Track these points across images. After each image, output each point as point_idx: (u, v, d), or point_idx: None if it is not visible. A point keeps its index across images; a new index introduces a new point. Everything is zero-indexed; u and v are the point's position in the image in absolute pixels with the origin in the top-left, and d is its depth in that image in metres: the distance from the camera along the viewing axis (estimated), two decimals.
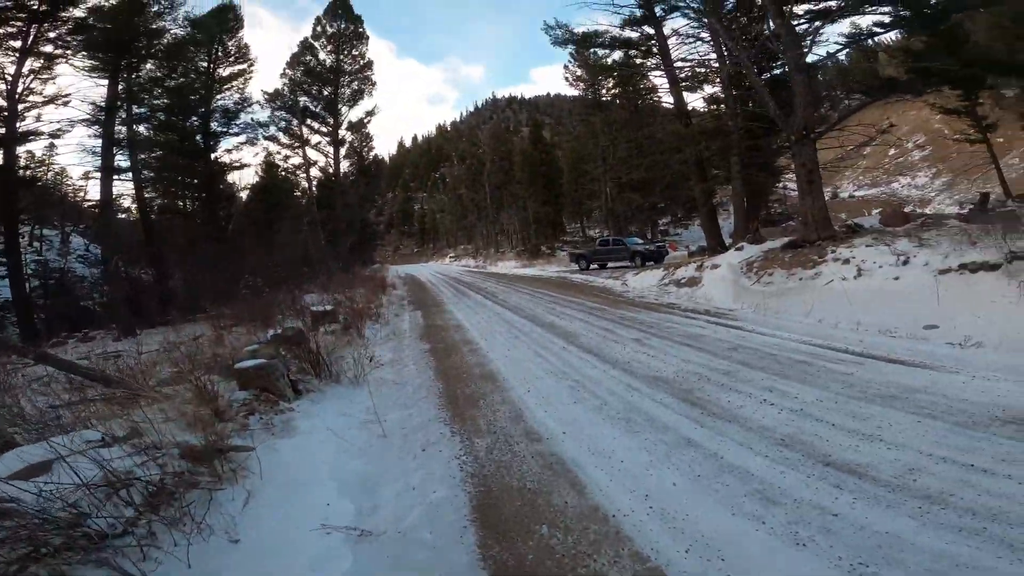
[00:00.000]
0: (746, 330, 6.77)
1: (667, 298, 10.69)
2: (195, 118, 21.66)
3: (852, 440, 2.99)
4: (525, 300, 11.44)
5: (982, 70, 10.25)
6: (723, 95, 14.09)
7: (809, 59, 10.15)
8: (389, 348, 7.30)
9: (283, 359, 4.38)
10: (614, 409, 3.85)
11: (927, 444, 2.86)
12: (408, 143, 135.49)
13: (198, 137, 21.80)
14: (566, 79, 30.75)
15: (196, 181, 21.97)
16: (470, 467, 3.17)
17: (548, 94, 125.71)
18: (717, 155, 14.75)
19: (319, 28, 25.69)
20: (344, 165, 27.70)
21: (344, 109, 26.07)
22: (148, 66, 19.41)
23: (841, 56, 11.91)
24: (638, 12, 15.08)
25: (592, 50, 18.03)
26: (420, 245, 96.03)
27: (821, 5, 10.06)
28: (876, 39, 11.00)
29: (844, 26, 17.72)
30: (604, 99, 29.43)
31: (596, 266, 21.89)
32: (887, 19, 9.31)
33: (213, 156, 22.53)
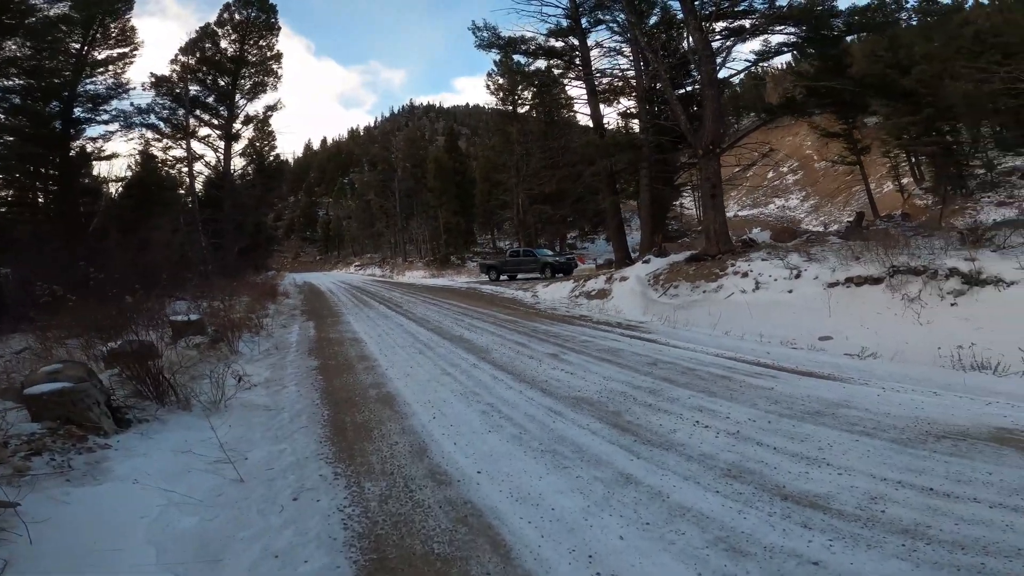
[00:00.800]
0: (661, 343, 6.61)
1: (578, 310, 10.50)
2: (56, 103, 18.32)
3: (799, 466, 2.68)
4: (432, 311, 10.66)
5: (864, 92, 11.43)
6: (637, 109, 14.50)
7: (721, 74, 10.63)
8: (267, 365, 6.18)
9: (97, 383, 3.27)
10: (536, 439, 3.27)
11: (875, 466, 2.61)
12: (316, 145, 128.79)
13: (57, 124, 18.43)
14: (487, 86, 30.61)
15: (52, 172, 18.48)
16: (357, 524, 2.41)
17: (467, 104, 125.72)
18: (628, 168, 15.12)
19: (226, 15, 23.08)
20: (239, 163, 25.03)
21: (242, 102, 23.54)
22: (10, 45, 16.21)
23: (735, 81, 12.75)
24: (564, 23, 15.17)
25: (516, 57, 17.97)
26: (324, 253, 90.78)
27: (736, 23, 10.61)
28: (768, 65, 11.86)
29: (755, 44, 19.22)
30: (521, 110, 29.70)
31: (506, 277, 21.63)
32: (792, 39, 10.00)
33: (75, 145, 19.15)
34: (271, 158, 48.50)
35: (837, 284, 7.94)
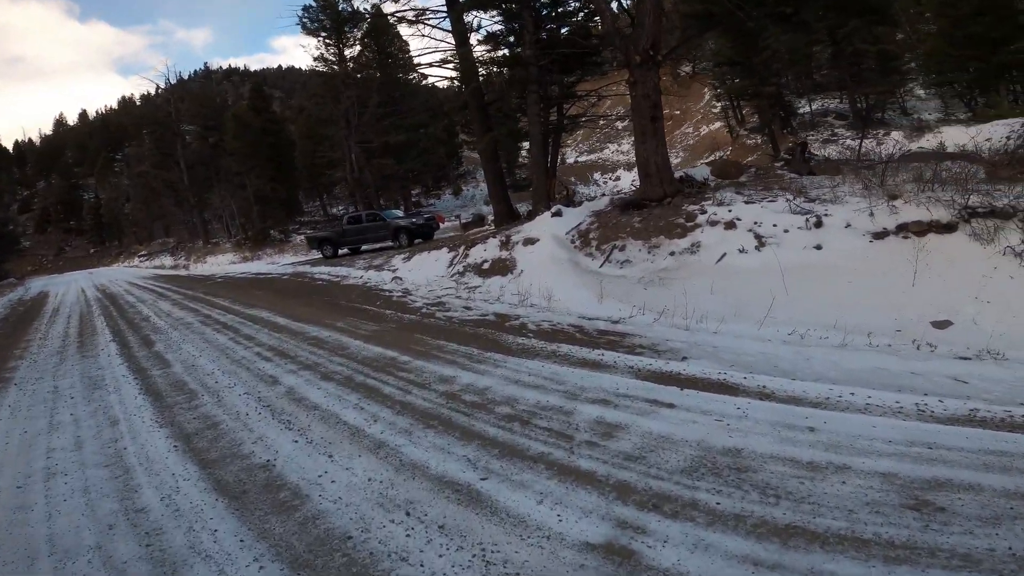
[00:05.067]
0: (745, 392, 2.98)
1: (483, 302, 6.46)
2: None
3: None
4: (210, 349, 5.59)
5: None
6: (520, 16, 10.24)
7: None
8: None
9: None
10: None
11: None
12: (73, 120, 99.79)
13: None
14: (303, 23, 23.30)
15: None
16: None
17: (280, 66, 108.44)
18: (511, 91, 11.07)
19: None
20: None
21: None
22: None
23: None
24: None
25: None
26: (99, 244, 71.35)
27: None
28: None
29: None
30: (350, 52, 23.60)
31: (346, 251, 16.42)
32: None
33: None
34: None
35: (887, 234, 5.11)
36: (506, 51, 11.33)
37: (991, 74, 18.27)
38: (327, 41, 24.39)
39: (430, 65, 13.55)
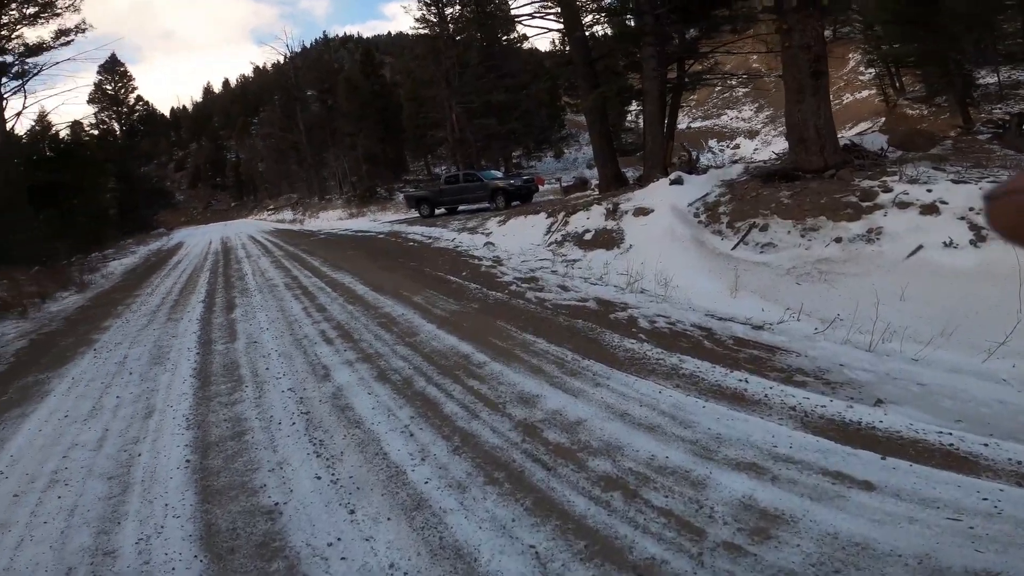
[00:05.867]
0: (991, 469, 1.72)
1: (580, 281, 5.44)
2: None
3: None
4: (278, 321, 5.18)
5: None
6: None
7: None
8: None
9: None
10: None
11: None
12: (218, 88, 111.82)
13: None
14: None
15: None
16: None
17: (389, 33, 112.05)
18: (622, 44, 9.57)
19: None
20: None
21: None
22: None
23: None
24: None
25: None
26: (238, 199, 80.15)
27: None
28: None
29: None
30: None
31: (444, 211, 16.06)
32: None
33: None
34: (136, 105, 38.46)
35: None
36: None
37: None
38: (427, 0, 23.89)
39: (531, 16, 12.10)
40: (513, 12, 14.91)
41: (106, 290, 9.25)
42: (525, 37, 24.57)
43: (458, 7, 24.22)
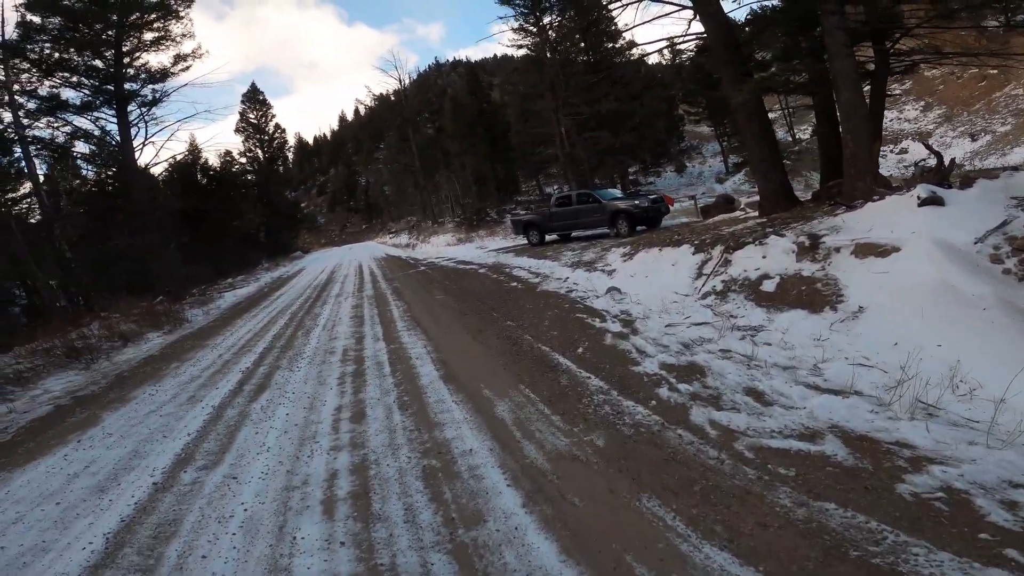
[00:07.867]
0: None
1: (781, 375, 3.16)
2: None
3: None
4: (283, 441, 3.60)
5: None
6: None
7: None
8: None
9: None
10: None
11: None
12: (351, 116, 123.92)
13: None
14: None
15: None
16: None
17: (495, 56, 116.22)
18: (797, 15, 6.92)
19: None
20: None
21: (146, 56, 16.25)
22: None
23: None
24: None
25: None
26: (368, 221, 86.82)
27: None
28: None
29: None
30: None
31: (555, 237, 14.21)
32: None
33: None
34: (274, 133, 41.83)
35: None
36: None
37: None
38: (522, 8, 22.54)
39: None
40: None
41: (187, 335, 8.67)
42: (633, 44, 22.00)
43: (556, 16, 22.68)
